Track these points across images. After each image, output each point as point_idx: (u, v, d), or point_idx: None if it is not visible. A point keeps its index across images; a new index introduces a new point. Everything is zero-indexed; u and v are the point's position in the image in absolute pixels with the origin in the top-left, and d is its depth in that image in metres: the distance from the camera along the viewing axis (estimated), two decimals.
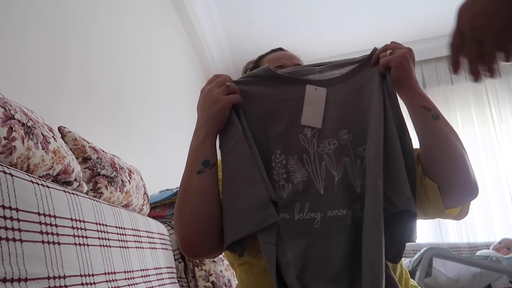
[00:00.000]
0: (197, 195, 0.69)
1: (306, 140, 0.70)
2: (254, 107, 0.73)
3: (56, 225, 0.74)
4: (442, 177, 0.68)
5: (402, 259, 0.79)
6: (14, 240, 0.62)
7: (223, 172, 0.70)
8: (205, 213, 0.68)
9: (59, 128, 1.09)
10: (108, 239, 0.95)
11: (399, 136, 0.65)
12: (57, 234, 0.74)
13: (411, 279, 0.80)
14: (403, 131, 0.66)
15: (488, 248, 2.56)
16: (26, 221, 0.66)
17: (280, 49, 1.00)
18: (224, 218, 0.67)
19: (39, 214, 0.70)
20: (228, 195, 0.68)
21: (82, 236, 0.83)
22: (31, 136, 0.78)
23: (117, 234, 1.01)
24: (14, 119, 0.75)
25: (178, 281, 1.46)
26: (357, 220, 0.64)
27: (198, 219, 0.68)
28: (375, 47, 0.76)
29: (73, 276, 0.74)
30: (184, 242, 0.70)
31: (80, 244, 0.81)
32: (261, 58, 0.98)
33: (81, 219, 0.85)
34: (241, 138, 0.69)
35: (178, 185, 2.05)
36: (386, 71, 0.71)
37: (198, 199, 0.68)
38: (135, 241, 1.11)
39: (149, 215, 1.49)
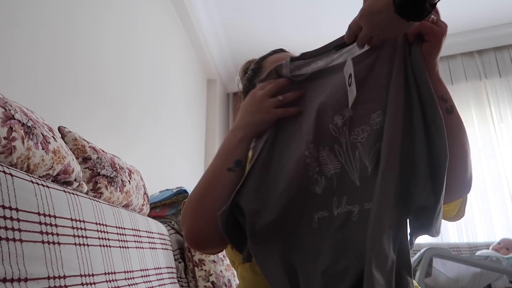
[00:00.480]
0: (222, 190, 0.69)
1: (337, 129, 0.65)
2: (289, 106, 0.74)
3: (56, 225, 0.74)
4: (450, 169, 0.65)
5: None
6: (14, 240, 0.62)
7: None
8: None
9: (59, 128, 1.09)
10: (108, 239, 0.95)
11: (428, 122, 0.58)
12: (57, 234, 0.74)
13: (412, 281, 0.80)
14: (434, 116, 0.58)
15: (488, 248, 2.56)
16: (26, 221, 0.66)
17: (281, 50, 1.00)
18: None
19: (39, 214, 0.70)
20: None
21: (82, 236, 0.83)
22: (31, 136, 0.78)
23: (117, 234, 1.01)
24: (14, 119, 0.75)
25: (178, 281, 1.46)
26: None
27: (213, 214, 0.68)
28: None
29: (73, 276, 0.74)
30: (194, 234, 0.70)
31: (80, 244, 0.81)
32: (263, 59, 0.97)
33: (81, 219, 0.85)
34: (270, 138, 0.71)
35: (178, 185, 2.04)
36: (415, 41, 0.62)
37: (222, 194, 0.68)
38: (135, 241, 1.11)
39: (149, 215, 1.50)
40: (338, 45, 0.71)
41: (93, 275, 0.81)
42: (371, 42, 0.65)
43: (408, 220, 0.58)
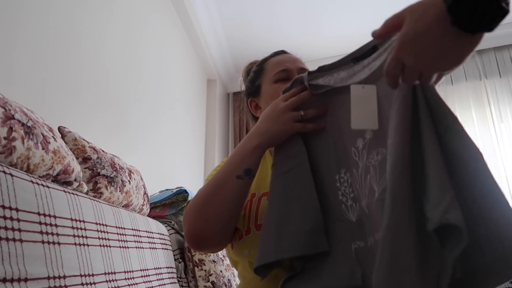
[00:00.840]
0: (228, 197, 0.70)
1: (358, 152, 0.61)
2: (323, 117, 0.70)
3: (56, 225, 0.74)
4: None
5: None
6: (14, 240, 0.62)
7: (274, 189, 0.68)
8: (229, 215, 0.71)
9: (59, 128, 1.09)
10: (108, 239, 0.95)
11: (440, 131, 0.51)
12: (57, 234, 0.74)
13: None
14: (447, 125, 0.51)
15: None
16: (26, 221, 0.66)
17: (283, 51, 1.00)
18: (266, 235, 0.65)
19: (39, 214, 0.70)
20: (278, 214, 0.65)
21: (82, 236, 0.83)
22: (31, 136, 0.78)
23: (117, 234, 1.01)
24: (14, 119, 0.75)
25: (178, 281, 1.46)
26: None
27: (220, 218, 0.70)
28: None
29: (73, 276, 0.74)
30: (195, 233, 0.71)
31: (80, 244, 0.81)
32: (264, 61, 0.98)
33: (81, 219, 0.85)
34: (305, 161, 0.67)
35: (178, 185, 2.04)
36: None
37: (228, 200, 0.70)
38: (135, 241, 1.11)
39: (149, 215, 1.50)
40: (356, 57, 0.65)
41: (93, 275, 0.81)
42: (423, 79, 0.49)
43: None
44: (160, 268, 1.24)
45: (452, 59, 0.44)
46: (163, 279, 1.23)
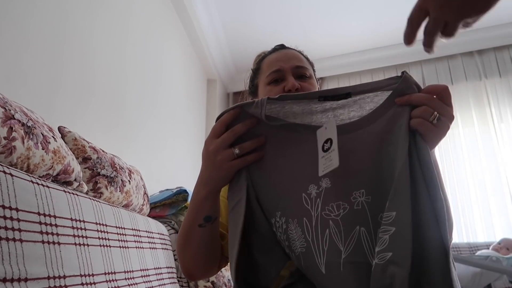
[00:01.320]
0: (197, 247, 0.72)
1: (309, 200, 0.55)
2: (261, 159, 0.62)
3: (56, 225, 0.74)
4: None
5: None
6: (14, 240, 0.62)
7: (229, 225, 0.65)
8: (205, 258, 0.74)
9: (59, 128, 1.09)
10: (108, 239, 0.95)
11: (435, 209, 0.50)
12: (57, 234, 0.74)
13: None
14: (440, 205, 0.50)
15: (488, 248, 2.56)
16: (26, 221, 0.66)
17: (282, 46, 0.97)
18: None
19: (39, 214, 0.70)
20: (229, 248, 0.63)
21: (82, 236, 0.83)
22: (31, 136, 0.78)
23: (117, 234, 1.01)
24: (14, 119, 0.75)
25: (178, 281, 1.46)
26: None
27: (199, 260, 0.74)
28: (404, 71, 0.58)
29: (73, 276, 0.74)
30: (186, 272, 0.78)
31: (80, 244, 0.81)
32: (262, 59, 0.96)
33: (81, 219, 0.85)
34: (243, 198, 0.60)
35: (178, 185, 2.04)
36: (416, 133, 0.54)
37: (199, 251, 0.73)
38: (135, 241, 1.11)
39: (149, 215, 1.49)
40: (324, 96, 0.60)
41: (93, 275, 0.81)
42: (448, 32, 0.47)
43: None
44: (160, 268, 1.24)
45: (479, 3, 0.41)
46: (163, 279, 1.23)
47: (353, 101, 0.58)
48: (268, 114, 0.61)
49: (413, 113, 0.54)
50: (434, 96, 0.54)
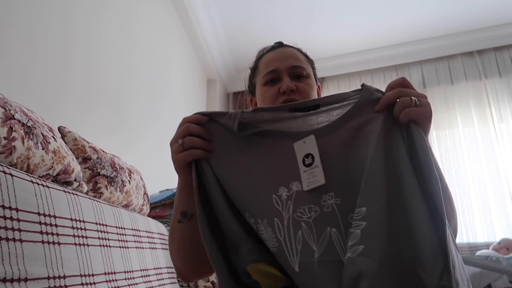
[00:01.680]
0: (179, 242, 0.73)
1: (280, 202, 0.57)
2: (226, 160, 0.64)
3: (56, 225, 0.74)
4: None
5: None
6: (14, 240, 0.62)
7: None
8: (192, 261, 0.73)
9: (59, 128, 1.09)
10: (108, 239, 0.95)
11: (427, 190, 0.52)
12: (57, 234, 0.74)
13: None
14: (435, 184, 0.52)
15: (488, 248, 2.56)
16: (26, 221, 0.66)
17: (280, 44, 0.95)
18: None
19: (39, 214, 0.70)
20: None
21: (82, 236, 0.83)
22: (31, 136, 0.78)
23: (117, 234, 1.01)
24: (14, 119, 0.75)
25: (178, 281, 1.46)
26: None
27: (186, 263, 0.74)
28: (363, 84, 0.64)
29: (73, 276, 0.74)
30: (178, 273, 0.77)
31: (80, 244, 0.81)
32: (260, 57, 0.94)
33: (81, 219, 0.85)
34: (196, 197, 0.63)
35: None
36: (410, 122, 0.58)
37: (181, 246, 0.73)
38: (135, 241, 1.11)
39: (149, 215, 1.50)
40: (294, 108, 0.64)
41: (93, 275, 0.81)
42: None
43: None
44: (160, 268, 1.24)
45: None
46: (163, 279, 1.23)
47: (321, 111, 0.63)
48: (240, 121, 0.63)
49: (395, 111, 0.58)
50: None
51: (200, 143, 0.64)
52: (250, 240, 0.59)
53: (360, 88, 0.63)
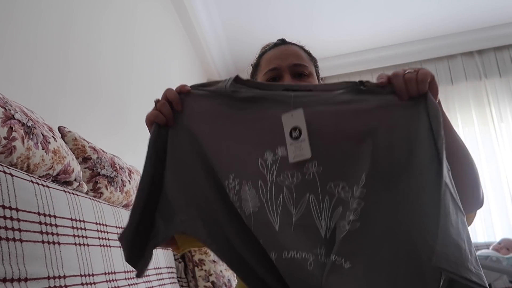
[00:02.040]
0: None
1: (265, 165, 0.60)
2: (214, 125, 0.65)
3: (56, 225, 0.74)
4: (460, 185, 0.59)
5: None
6: (14, 240, 0.62)
7: None
8: None
9: (59, 128, 1.09)
10: (108, 239, 0.95)
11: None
12: (57, 234, 0.74)
13: None
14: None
15: (488, 248, 2.56)
16: (26, 221, 0.66)
17: (282, 41, 0.93)
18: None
19: (39, 214, 0.70)
20: None
21: (82, 236, 0.83)
22: (31, 136, 0.78)
23: (117, 234, 1.01)
24: (14, 119, 0.75)
25: (178, 281, 1.46)
26: (321, 266, 0.54)
27: None
28: (361, 81, 0.63)
29: (73, 276, 0.74)
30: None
31: (80, 244, 0.81)
32: (262, 54, 0.94)
33: (81, 219, 0.85)
34: (147, 157, 0.65)
35: None
36: (423, 94, 0.59)
37: None
38: None
39: None
40: (287, 88, 0.65)
41: (93, 275, 0.81)
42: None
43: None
44: (160, 268, 1.24)
45: None
46: (163, 279, 1.23)
47: (313, 94, 0.64)
48: (234, 84, 0.66)
49: (398, 90, 0.59)
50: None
51: (165, 110, 0.66)
52: (188, 211, 0.61)
53: (355, 81, 0.63)
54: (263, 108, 0.64)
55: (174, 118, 0.66)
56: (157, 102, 0.68)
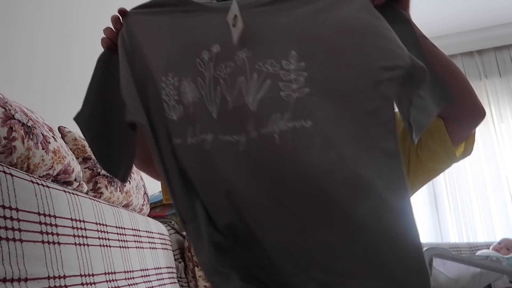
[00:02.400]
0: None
1: (203, 64, 0.65)
2: (151, 35, 0.71)
3: (56, 225, 0.74)
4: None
5: None
6: (14, 240, 0.62)
7: None
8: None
9: (59, 128, 1.09)
10: (108, 239, 0.95)
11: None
12: (57, 234, 0.74)
13: None
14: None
15: (488, 248, 2.56)
16: (26, 221, 0.66)
17: None
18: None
19: (39, 214, 0.70)
20: None
21: (82, 236, 0.83)
22: (31, 136, 0.78)
23: (117, 234, 1.01)
24: (14, 119, 0.75)
25: (178, 281, 1.46)
26: (250, 142, 0.60)
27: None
28: None
29: (73, 276, 0.74)
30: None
31: (80, 244, 0.81)
32: None
33: (81, 219, 0.85)
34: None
35: None
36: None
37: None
38: (135, 241, 1.11)
39: (149, 215, 1.50)
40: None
41: (93, 275, 0.81)
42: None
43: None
44: (160, 268, 1.24)
45: None
46: (163, 279, 1.23)
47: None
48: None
49: None
50: None
51: (108, 32, 0.74)
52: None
53: None
54: (201, 15, 0.68)
55: (120, 35, 0.73)
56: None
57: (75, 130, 1.16)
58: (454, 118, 0.73)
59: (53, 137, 0.88)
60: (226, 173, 0.62)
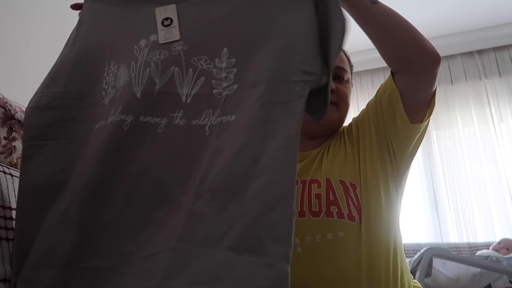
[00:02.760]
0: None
1: (139, 49, 0.68)
2: (100, 24, 0.75)
3: None
4: (400, 51, 0.73)
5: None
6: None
7: None
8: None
9: None
10: None
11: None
12: None
13: (414, 280, 0.81)
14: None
15: (488, 248, 2.56)
16: None
17: None
18: None
19: None
20: None
21: None
22: None
23: None
24: (14, 119, 0.75)
25: None
26: (173, 128, 0.63)
27: None
28: None
29: None
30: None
31: None
32: None
33: None
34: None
35: None
36: None
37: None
38: None
39: None
40: None
41: None
42: None
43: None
44: None
45: None
46: None
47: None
48: None
49: None
50: None
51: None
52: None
53: None
54: (144, 7, 0.72)
55: (78, 23, 0.80)
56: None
57: None
58: (410, 70, 0.77)
59: None
60: (137, 154, 0.63)
